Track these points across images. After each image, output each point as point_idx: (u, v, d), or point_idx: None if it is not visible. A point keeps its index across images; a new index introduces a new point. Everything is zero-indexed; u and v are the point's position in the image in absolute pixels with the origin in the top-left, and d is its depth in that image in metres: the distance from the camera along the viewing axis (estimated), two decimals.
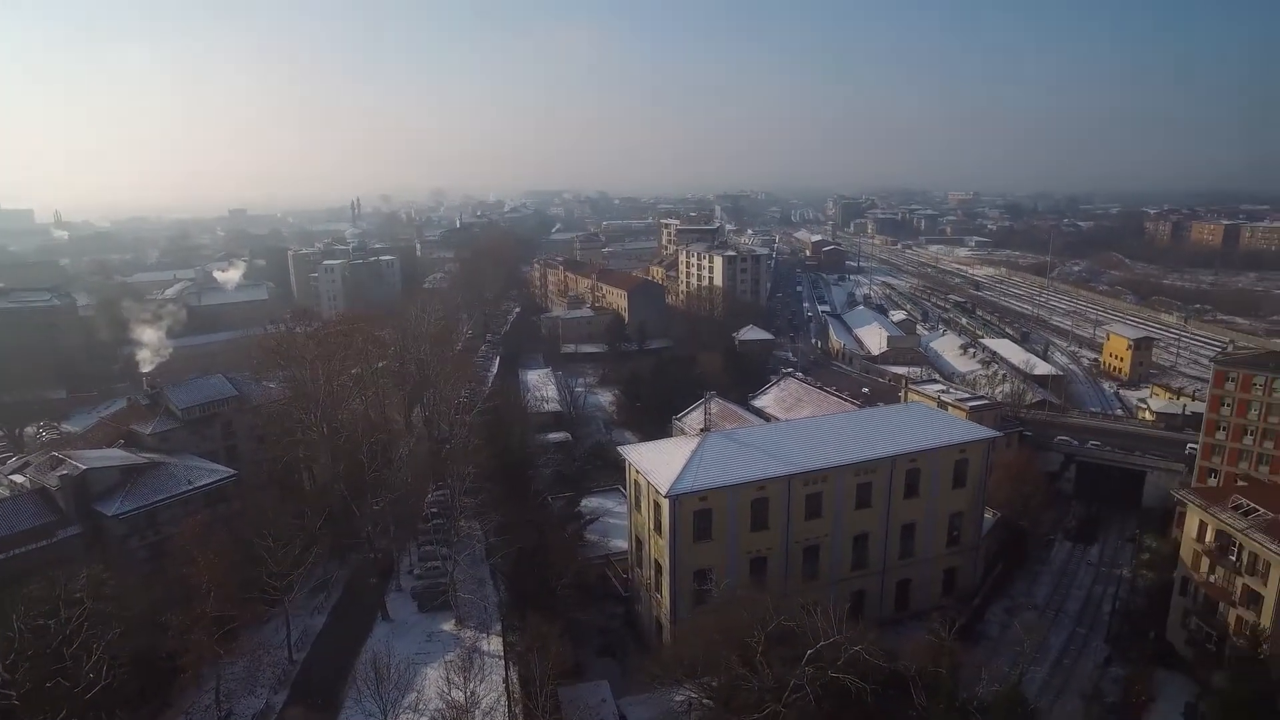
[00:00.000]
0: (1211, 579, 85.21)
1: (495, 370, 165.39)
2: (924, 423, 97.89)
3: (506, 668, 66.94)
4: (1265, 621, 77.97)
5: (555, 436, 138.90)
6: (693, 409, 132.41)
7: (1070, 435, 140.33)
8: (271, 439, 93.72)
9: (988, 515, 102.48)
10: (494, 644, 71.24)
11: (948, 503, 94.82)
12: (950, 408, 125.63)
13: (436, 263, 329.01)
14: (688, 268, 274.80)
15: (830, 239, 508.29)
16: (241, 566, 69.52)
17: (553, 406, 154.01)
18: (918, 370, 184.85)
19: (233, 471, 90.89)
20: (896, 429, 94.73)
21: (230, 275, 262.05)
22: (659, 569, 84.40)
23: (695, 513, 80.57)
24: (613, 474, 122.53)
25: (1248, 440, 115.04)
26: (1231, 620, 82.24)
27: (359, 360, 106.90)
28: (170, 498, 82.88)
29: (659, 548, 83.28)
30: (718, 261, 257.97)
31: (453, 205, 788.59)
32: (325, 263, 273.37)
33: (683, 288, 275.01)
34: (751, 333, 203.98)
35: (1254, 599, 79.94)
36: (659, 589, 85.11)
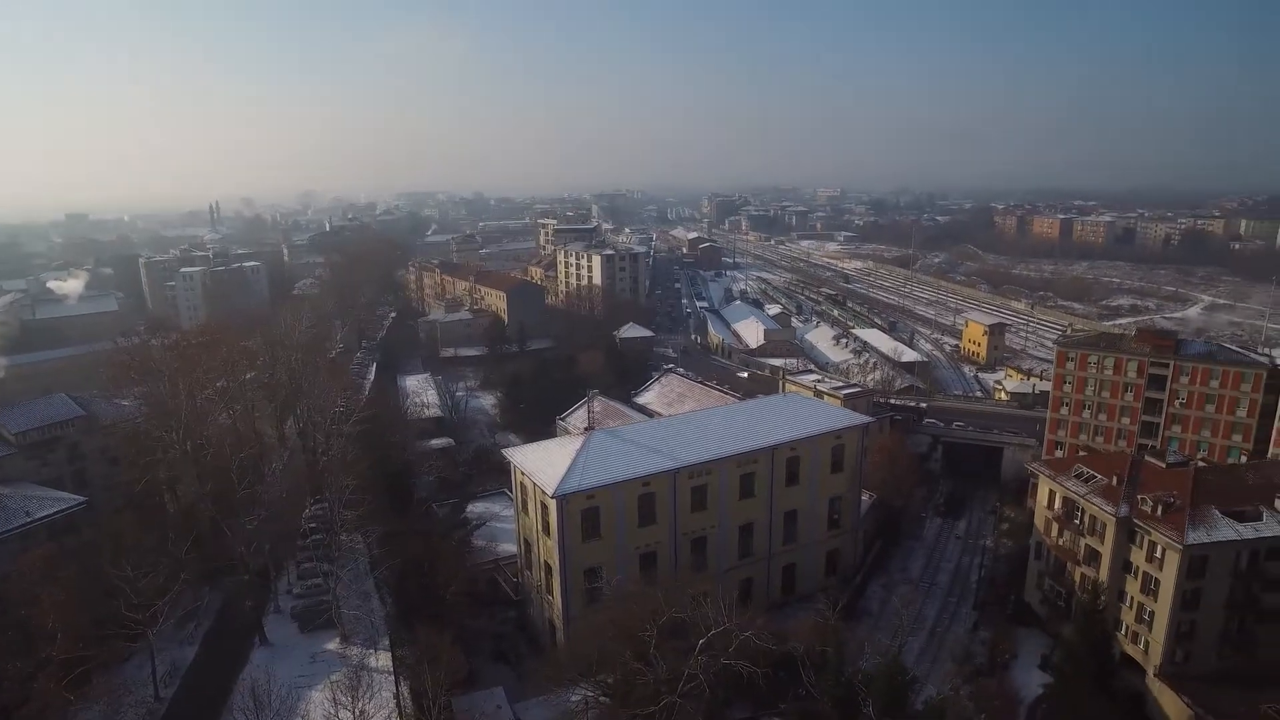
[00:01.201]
0: (1060, 542, 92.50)
1: (372, 377, 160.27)
2: (801, 412, 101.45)
3: (397, 682, 64.86)
4: (1103, 576, 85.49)
5: (438, 443, 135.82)
6: (576, 408, 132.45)
7: (937, 418, 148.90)
8: (128, 460, 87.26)
9: (865, 497, 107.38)
10: (382, 659, 68.86)
11: (827, 488, 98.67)
12: (826, 396, 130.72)
13: (306, 268, 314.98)
14: (566, 267, 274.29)
15: (706, 236, 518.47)
16: (95, 602, 64.23)
17: (434, 412, 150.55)
18: (794, 361, 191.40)
19: (81, 499, 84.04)
20: (776, 419, 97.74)
21: (71, 285, 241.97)
22: (549, 570, 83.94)
23: (583, 512, 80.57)
24: (498, 478, 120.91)
25: (1086, 414, 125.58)
26: (1077, 578, 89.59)
27: (224, 372, 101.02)
28: (5, 533, 75.66)
29: (548, 549, 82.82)
30: (596, 260, 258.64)
31: (321, 208, 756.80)
32: (183, 270, 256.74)
33: (562, 288, 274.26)
34: (632, 330, 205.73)
35: (1094, 557, 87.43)
36: (550, 590, 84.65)
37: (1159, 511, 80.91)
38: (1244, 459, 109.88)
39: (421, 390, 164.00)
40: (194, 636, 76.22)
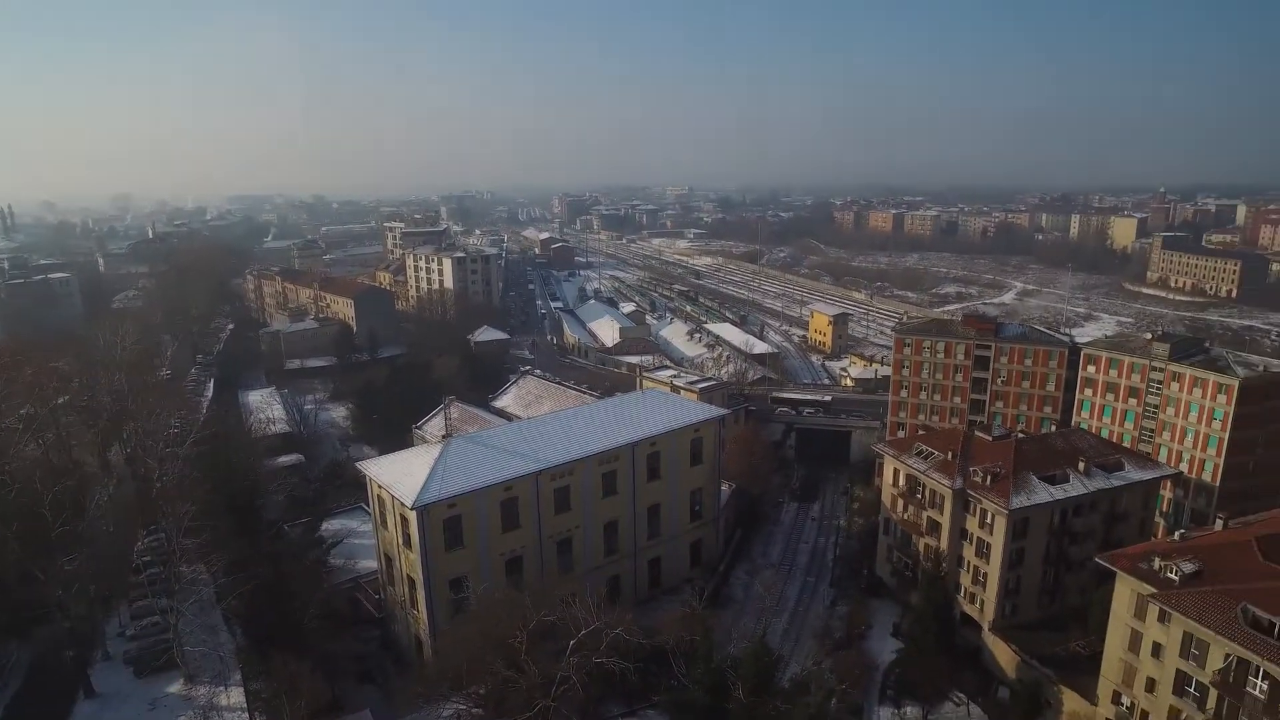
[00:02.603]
0: (905, 516, 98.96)
1: (210, 394, 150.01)
2: (659, 408, 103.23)
3: (252, 719, 60.88)
4: (944, 545, 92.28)
5: (286, 459, 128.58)
6: (433, 415, 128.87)
7: (789, 406, 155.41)
8: None
9: (724, 487, 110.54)
10: (234, 696, 64.25)
11: (688, 481, 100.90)
12: (682, 391, 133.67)
13: (127, 279, 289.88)
14: (416, 271, 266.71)
15: (558, 236, 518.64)
16: None
17: (281, 427, 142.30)
18: (650, 358, 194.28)
19: None
20: (635, 416, 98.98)
21: None
22: (412, 584, 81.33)
23: (445, 521, 78.60)
24: (354, 492, 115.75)
25: (923, 395, 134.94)
26: (921, 548, 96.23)
27: (30, 397, 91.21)
28: None
29: (410, 562, 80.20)
30: (447, 263, 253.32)
31: (142, 213, 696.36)
32: None
33: (412, 292, 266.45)
34: (487, 333, 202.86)
35: (935, 528, 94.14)
36: (414, 604, 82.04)
37: (988, 481, 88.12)
38: (1054, 428, 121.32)
39: (266, 405, 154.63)
40: None
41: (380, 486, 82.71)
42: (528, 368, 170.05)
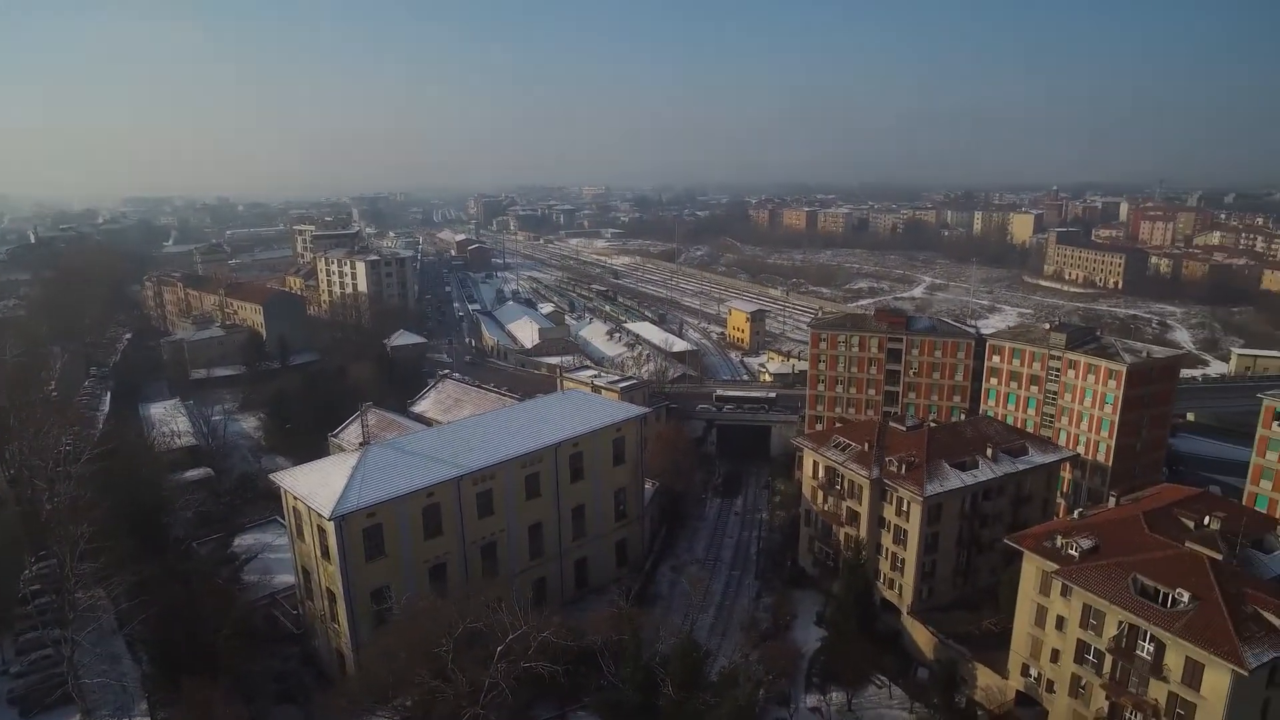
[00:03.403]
0: (825, 507, 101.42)
1: (107, 408, 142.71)
2: (581, 408, 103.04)
3: None
4: (863, 534, 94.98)
5: (194, 474, 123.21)
6: (349, 423, 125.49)
7: (709, 403, 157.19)
8: None
9: (648, 485, 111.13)
10: None
11: (611, 480, 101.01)
12: (603, 391, 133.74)
13: (5, 287, 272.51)
14: (328, 275, 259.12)
15: (475, 238, 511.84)
16: None
17: (187, 440, 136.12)
18: (570, 359, 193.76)
19: None
20: (556, 418, 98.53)
21: None
22: (333, 597, 78.96)
23: (364, 530, 76.61)
24: (268, 505, 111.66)
25: (839, 389, 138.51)
26: (841, 538, 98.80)
27: None
28: None
29: (329, 574, 77.86)
30: (360, 267, 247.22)
31: (20, 216, 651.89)
32: None
33: (325, 297, 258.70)
34: (403, 337, 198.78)
35: (854, 517, 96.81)
36: (335, 618, 79.68)
37: (903, 470, 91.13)
38: (963, 417, 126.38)
39: (170, 418, 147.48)
40: None
41: (296, 498, 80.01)
42: (446, 371, 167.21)
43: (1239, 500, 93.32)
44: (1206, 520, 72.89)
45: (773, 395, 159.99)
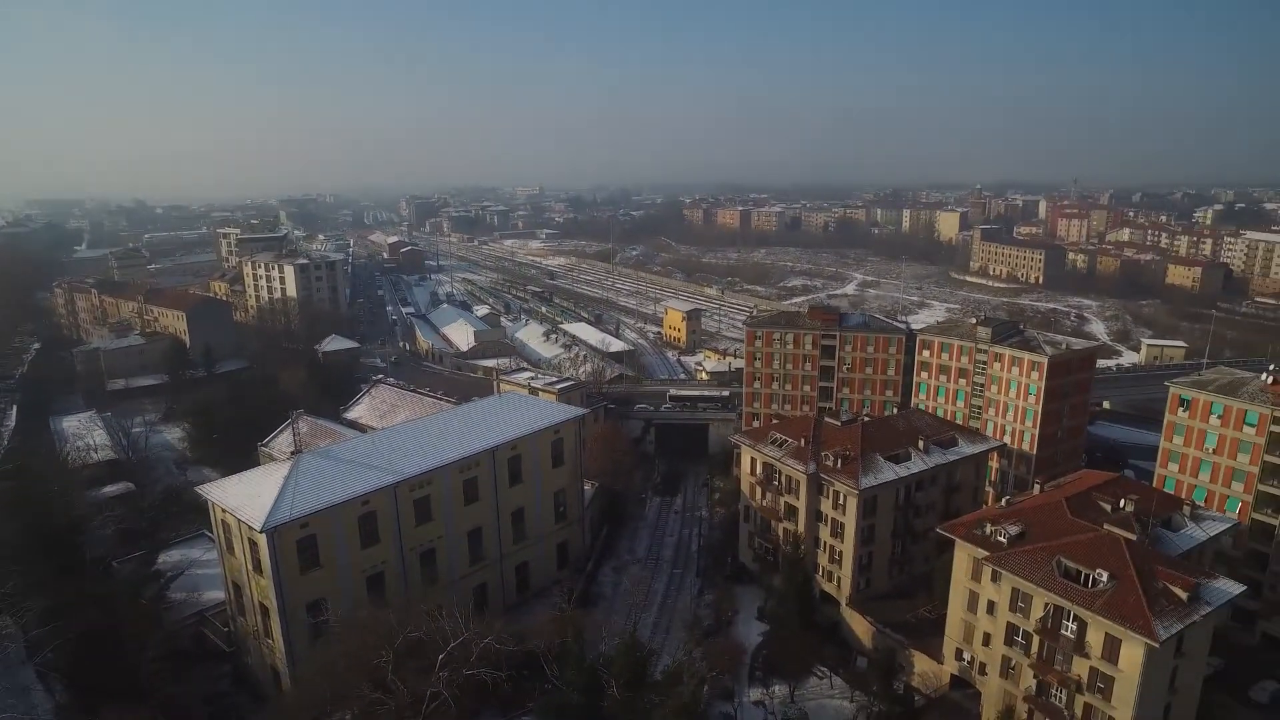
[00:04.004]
0: (764, 503, 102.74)
1: (14, 423, 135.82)
2: (518, 411, 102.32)
3: None
4: (801, 528, 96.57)
5: (113, 489, 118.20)
6: (280, 431, 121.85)
7: (647, 402, 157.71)
8: None
9: (587, 486, 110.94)
10: None
11: (551, 482, 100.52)
12: (541, 392, 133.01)
13: None
14: (255, 280, 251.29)
15: (407, 240, 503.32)
16: None
17: (105, 454, 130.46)
18: (506, 361, 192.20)
19: None
20: (494, 421, 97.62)
21: None
22: (266, 611, 76.65)
23: (298, 542, 74.58)
24: (195, 518, 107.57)
25: (775, 386, 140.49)
26: (780, 533, 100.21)
27: None
28: None
29: (262, 588, 75.55)
30: (289, 271, 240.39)
31: None
32: None
33: (252, 302, 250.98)
34: (335, 343, 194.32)
35: (792, 512, 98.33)
36: (269, 633, 77.36)
37: (839, 464, 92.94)
38: (895, 410, 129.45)
39: (85, 431, 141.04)
40: None
41: (225, 510, 77.38)
42: (380, 376, 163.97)
43: (1150, 483, 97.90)
44: (1122, 503, 76.87)
45: (725, 393, 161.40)
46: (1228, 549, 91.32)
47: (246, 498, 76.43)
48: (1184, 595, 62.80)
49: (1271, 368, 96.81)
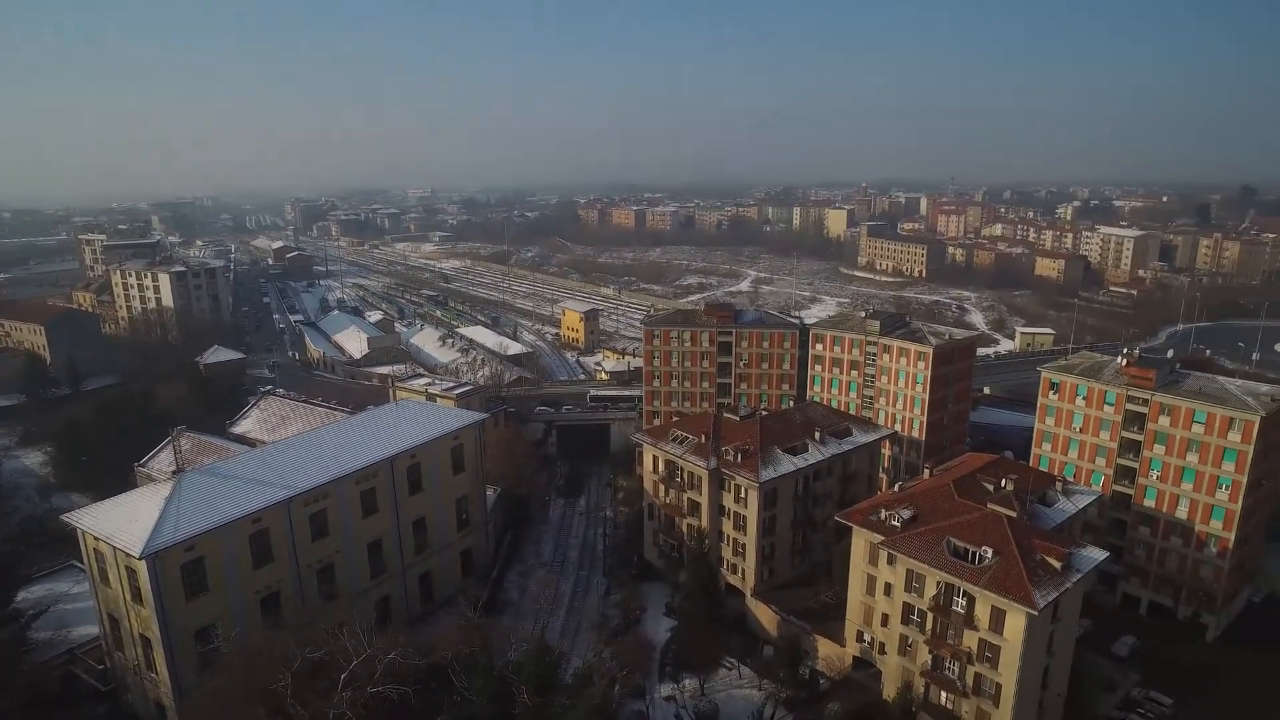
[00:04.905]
0: (667, 500, 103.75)
1: None
2: (416, 418, 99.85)
3: None
4: (705, 523, 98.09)
5: None
6: (159, 450, 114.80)
7: (547, 404, 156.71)
8: None
9: (489, 492, 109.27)
10: None
11: (451, 489, 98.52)
12: (439, 399, 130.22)
13: None
14: (127, 289, 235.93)
15: (294, 244, 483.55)
16: None
17: None
18: (402, 367, 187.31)
19: None
20: (391, 429, 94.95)
21: None
22: (148, 643, 71.97)
23: (183, 566, 70.40)
24: (62, 549, 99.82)
25: (674, 383, 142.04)
26: (684, 529, 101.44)
27: None
28: None
29: (143, 619, 70.91)
30: (164, 279, 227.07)
31: None
32: None
33: (123, 313, 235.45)
34: (218, 354, 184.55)
35: (695, 508, 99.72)
36: (153, 666, 72.67)
37: (739, 459, 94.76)
38: (791, 403, 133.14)
39: None
40: None
41: (97, 538, 72.15)
42: (269, 388, 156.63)
43: (1027, 462, 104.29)
44: (1003, 483, 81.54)
45: (639, 393, 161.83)
46: (1094, 519, 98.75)
47: (123, 522, 71.58)
48: (1058, 565, 67.50)
49: (1125, 351, 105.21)
